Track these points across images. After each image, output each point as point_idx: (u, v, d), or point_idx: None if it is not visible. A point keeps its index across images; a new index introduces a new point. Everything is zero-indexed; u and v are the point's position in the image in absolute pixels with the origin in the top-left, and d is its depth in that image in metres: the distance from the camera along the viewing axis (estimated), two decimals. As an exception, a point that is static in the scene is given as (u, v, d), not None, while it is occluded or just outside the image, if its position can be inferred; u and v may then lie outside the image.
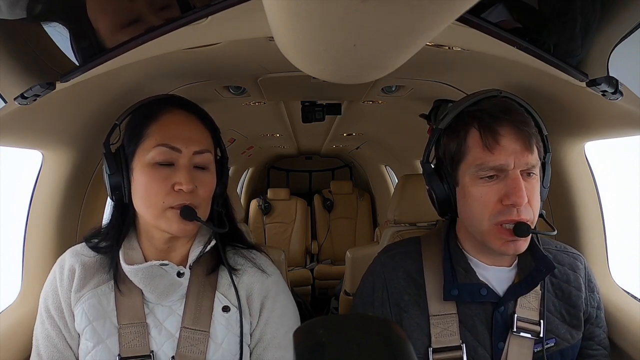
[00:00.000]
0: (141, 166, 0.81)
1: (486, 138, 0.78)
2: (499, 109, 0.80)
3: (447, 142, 0.85)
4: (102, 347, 0.81)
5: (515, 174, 0.77)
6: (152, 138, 0.81)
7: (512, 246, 0.79)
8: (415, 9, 0.34)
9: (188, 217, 0.79)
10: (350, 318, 0.43)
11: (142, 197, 0.81)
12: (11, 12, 0.60)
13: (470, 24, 0.62)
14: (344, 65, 0.49)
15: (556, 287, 0.88)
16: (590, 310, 0.89)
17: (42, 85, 0.69)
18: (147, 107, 0.86)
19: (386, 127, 2.50)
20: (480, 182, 0.80)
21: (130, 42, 0.65)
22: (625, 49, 0.65)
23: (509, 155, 0.77)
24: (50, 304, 0.85)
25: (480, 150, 0.79)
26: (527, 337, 0.84)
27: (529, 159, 0.78)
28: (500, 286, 0.86)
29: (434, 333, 0.85)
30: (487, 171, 0.79)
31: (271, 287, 0.89)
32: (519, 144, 0.78)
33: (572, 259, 0.91)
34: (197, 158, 0.82)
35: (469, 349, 0.84)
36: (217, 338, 0.83)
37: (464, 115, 0.83)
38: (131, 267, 0.81)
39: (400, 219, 1.60)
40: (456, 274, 0.86)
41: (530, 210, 0.79)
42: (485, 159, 0.78)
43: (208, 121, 0.89)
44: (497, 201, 0.78)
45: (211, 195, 0.86)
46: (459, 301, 0.85)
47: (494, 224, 0.79)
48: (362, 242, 4.18)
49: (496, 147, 0.78)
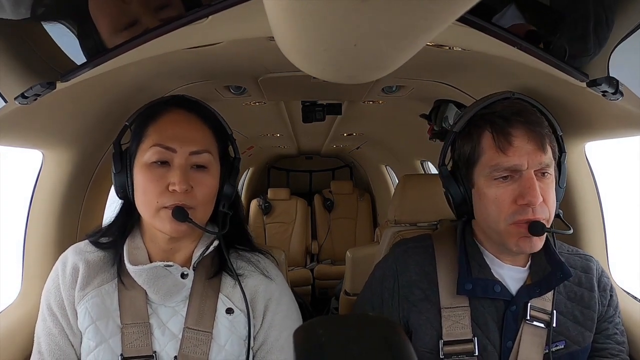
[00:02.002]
0: (140, 166, 0.82)
1: (499, 140, 0.80)
2: (511, 110, 0.81)
3: (462, 145, 0.87)
4: (104, 347, 0.81)
5: (529, 174, 0.78)
6: (150, 138, 0.82)
7: (528, 244, 0.79)
8: (415, 9, 0.34)
9: (179, 218, 0.78)
10: (350, 318, 0.43)
11: (139, 197, 0.82)
12: (15, 12, 0.60)
13: (471, 24, 0.62)
14: (344, 65, 0.49)
15: (569, 289, 0.88)
16: (602, 309, 0.89)
17: (42, 85, 0.69)
18: (151, 108, 0.87)
19: (386, 127, 2.50)
20: (495, 184, 0.81)
21: (130, 41, 0.65)
22: (626, 49, 0.65)
23: (522, 156, 0.78)
24: (53, 301, 0.84)
25: (493, 152, 0.80)
26: (540, 326, 0.84)
27: (542, 159, 0.79)
28: (513, 285, 0.86)
29: (446, 325, 0.85)
30: (502, 172, 0.80)
31: (275, 290, 0.89)
32: (532, 144, 0.79)
33: (584, 261, 0.92)
34: (195, 158, 0.82)
35: (479, 345, 0.84)
36: (220, 339, 0.83)
37: (477, 118, 0.85)
38: (136, 268, 0.81)
39: (400, 219, 1.60)
40: (471, 268, 0.87)
41: (545, 210, 0.79)
42: (499, 160, 0.79)
43: (212, 121, 0.87)
44: (512, 202, 0.79)
45: (211, 196, 0.85)
46: (472, 296, 0.86)
47: (510, 224, 0.80)
48: (362, 242, 4.18)
49: (509, 148, 0.79)
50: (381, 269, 0.96)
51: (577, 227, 1.12)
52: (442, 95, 1.39)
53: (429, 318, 0.86)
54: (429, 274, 0.89)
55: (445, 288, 0.87)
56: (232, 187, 0.89)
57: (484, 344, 0.84)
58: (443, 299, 0.87)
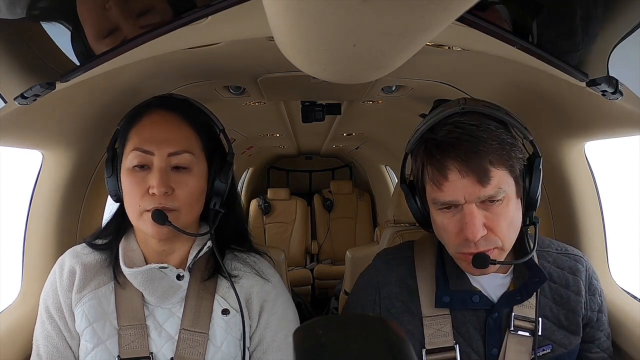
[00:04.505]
0: (124, 170, 0.82)
1: (434, 174, 0.76)
2: (448, 140, 0.75)
3: (413, 166, 0.84)
4: (101, 349, 0.81)
5: (469, 208, 0.74)
6: (131, 142, 0.82)
7: (477, 270, 0.78)
8: (415, 9, 0.34)
9: (159, 221, 0.78)
10: (350, 318, 0.43)
11: (125, 200, 0.82)
12: (11, 12, 0.60)
13: (471, 24, 0.62)
14: (344, 65, 0.49)
15: (555, 292, 0.87)
16: (591, 314, 0.87)
17: (42, 85, 0.69)
18: (134, 110, 0.86)
19: (386, 127, 2.50)
20: (441, 213, 0.79)
21: (130, 42, 0.65)
22: (625, 48, 0.64)
23: (457, 190, 0.74)
24: (50, 304, 0.84)
25: (431, 185, 0.78)
26: (525, 335, 0.83)
27: (481, 192, 0.74)
28: (495, 293, 0.85)
29: (427, 334, 0.84)
30: (440, 205, 0.78)
31: (270, 291, 0.89)
32: (468, 179, 0.74)
33: (572, 262, 0.89)
34: (174, 159, 0.80)
35: (461, 353, 0.83)
36: (216, 340, 0.83)
37: (422, 141, 0.81)
38: (131, 270, 0.81)
39: (400, 219, 1.60)
40: (448, 280, 0.85)
41: (493, 240, 0.76)
42: (436, 194, 0.77)
43: (194, 119, 0.85)
44: (457, 232, 0.77)
45: (195, 196, 0.83)
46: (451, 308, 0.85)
47: (457, 252, 0.79)
48: (362, 242, 4.18)
49: (444, 183, 0.75)
50: (364, 281, 0.94)
51: (577, 227, 1.12)
52: (442, 95, 1.38)
53: (410, 330, 0.85)
54: (410, 286, 0.88)
55: (425, 298, 0.86)
56: (224, 183, 0.86)
57: (467, 352, 0.83)
58: (424, 308, 0.85)
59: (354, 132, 2.91)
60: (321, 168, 4.82)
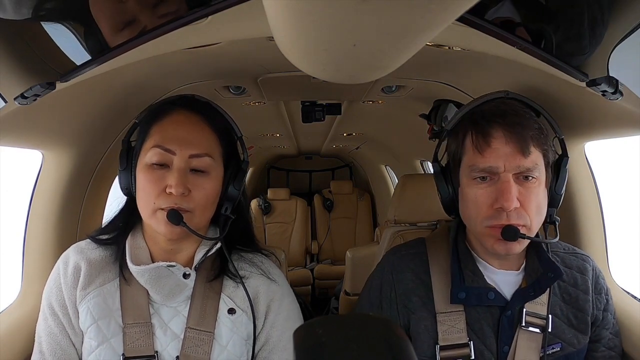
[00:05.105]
0: (141, 166, 0.82)
1: (477, 140, 0.79)
2: (495, 111, 0.80)
3: (450, 143, 0.87)
4: (106, 346, 0.81)
5: (506, 177, 0.77)
6: (152, 138, 0.82)
7: (502, 247, 0.79)
8: (415, 9, 0.34)
9: (174, 221, 0.78)
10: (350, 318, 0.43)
11: (139, 196, 0.82)
12: (17, 12, 0.60)
13: (471, 24, 0.62)
14: (344, 65, 0.49)
15: (563, 290, 0.88)
16: (597, 312, 0.88)
17: (42, 85, 0.69)
18: (157, 107, 0.86)
19: (386, 127, 2.50)
20: (474, 184, 0.80)
21: (130, 41, 0.65)
22: (625, 49, 0.65)
23: (499, 158, 0.77)
24: (54, 300, 0.84)
25: (472, 152, 0.80)
26: (535, 331, 0.83)
27: (521, 162, 0.77)
28: (508, 290, 0.86)
29: (441, 330, 0.85)
30: (479, 172, 0.79)
31: (277, 291, 0.89)
32: (510, 147, 0.77)
33: (580, 261, 0.91)
34: (194, 161, 0.81)
35: (475, 350, 0.84)
36: (222, 340, 0.83)
37: (466, 117, 0.85)
38: (138, 268, 0.81)
39: (400, 219, 1.60)
40: (464, 276, 0.86)
41: (524, 215, 0.78)
42: (476, 160, 0.79)
43: (218, 122, 0.86)
44: (489, 205, 0.79)
45: (211, 200, 0.84)
46: (466, 304, 0.85)
47: (485, 226, 0.80)
48: (362, 242, 4.18)
49: (487, 149, 0.78)
50: (378, 279, 0.95)
51: (577, 227, 1.12)
52: (442, 95, 1.39)
53: (427, 325, 0.86)
54: (425, 281, 0.89)
55: (439, 294, 0.87)
56: (237, 190, 0.87)
57: (481, 349, 0.84)
58: (438, 304, 0.86)
59: (354, 132, 2.91)
60: (321, 168, 4.82)
